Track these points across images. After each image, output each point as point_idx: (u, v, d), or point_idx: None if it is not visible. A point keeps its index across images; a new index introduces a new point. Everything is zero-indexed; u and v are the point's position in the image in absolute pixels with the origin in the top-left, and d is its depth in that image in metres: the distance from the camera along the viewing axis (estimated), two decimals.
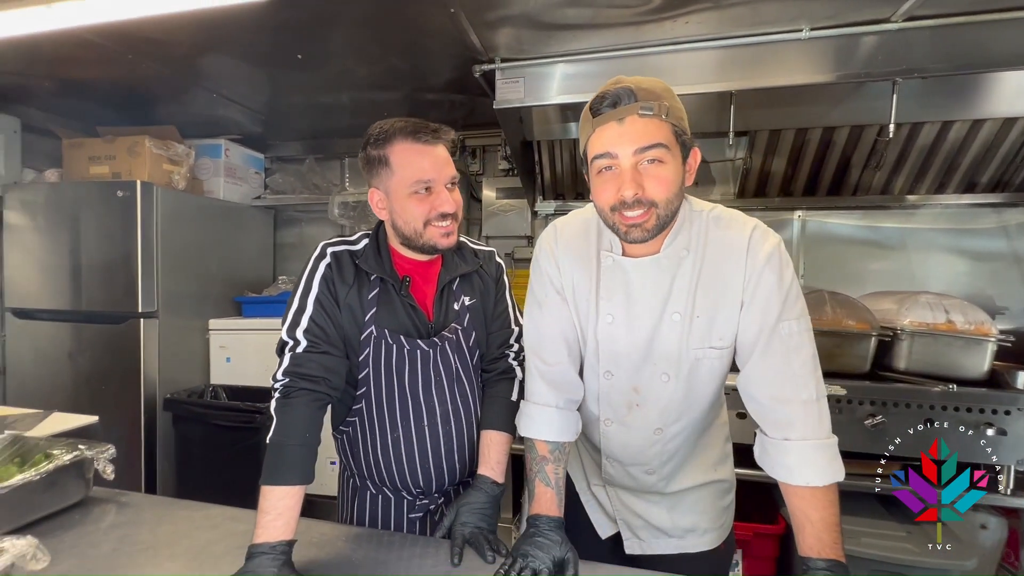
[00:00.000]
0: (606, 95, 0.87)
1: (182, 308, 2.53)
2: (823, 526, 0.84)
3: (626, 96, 0.85)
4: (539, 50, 1.90)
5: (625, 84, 0.87)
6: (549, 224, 1.10)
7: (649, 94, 0.85)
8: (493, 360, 1.21)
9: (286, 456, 0.92)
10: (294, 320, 1.02)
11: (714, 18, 1.63)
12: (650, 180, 0.86)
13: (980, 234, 2.43)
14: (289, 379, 0.97)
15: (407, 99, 2.54)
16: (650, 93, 0.85)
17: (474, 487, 1.06)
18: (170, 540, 1.00)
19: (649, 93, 0.85)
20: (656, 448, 1.04)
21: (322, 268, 1.06)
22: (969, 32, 1.62)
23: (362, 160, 1.06)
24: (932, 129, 2.16)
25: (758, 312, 0.91)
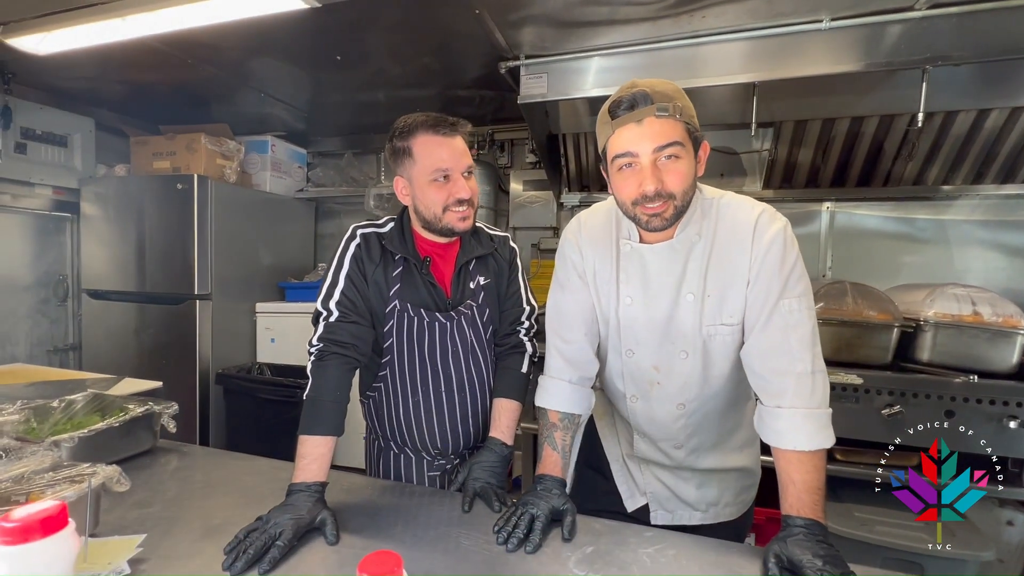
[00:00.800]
0: (623, 99, 0.94)
1: (232, 291, 2.75)
2: (804, 488, 0.90)
3: (642, 99, 0.92)
4: (561, 46, 1.98)
5: (640, 88, 0.94)
6: (573, 217, 1.20)
7: (663, 96, 0.92)
8: (505, 335, 1.31)
9: (320, 410, 1.06)
10: (328, 293, 1.15)
11: (730, 11, 1.67)
12: (668, 175, 0.93)
13: (1011, 226, 2.35)
14: (323, 344, 1.11)
15: (439, 96, 2.67)
16: (664, 95, 0.92)
17: (486, 448, 1.18)
18: (223, 482, 1.16)
19: (663, 95, 0.92)
20: (681, 423, 1.11)
21: (352, 248, 1.19)
22: (996, 18, 1.59)
23: (388, 151, 1.18)
24: (967, 118, 2.11)
25: (761, 290, 0.97)
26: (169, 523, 0.97)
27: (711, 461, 1.16)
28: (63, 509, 0.51)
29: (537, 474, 1.09)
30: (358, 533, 0.94)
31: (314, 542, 0.91)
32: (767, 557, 0.86)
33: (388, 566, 0.46)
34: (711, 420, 1.13)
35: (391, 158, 1.18)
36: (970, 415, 1.71)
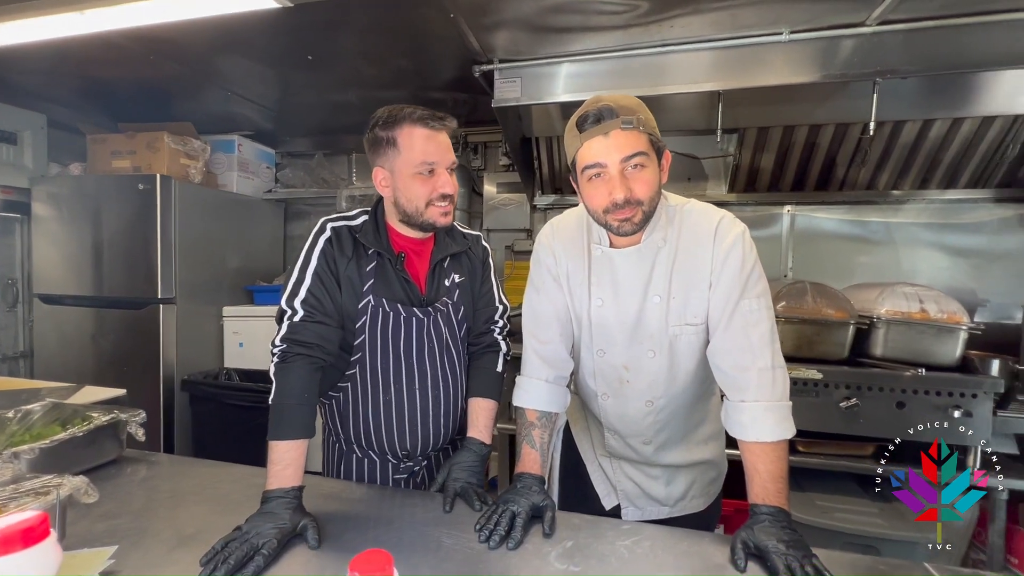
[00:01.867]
0: (589, 113, 0.99)
1: (198, 295, 2.67)
2: (768, 477, 0.95)
3: (608, 113, 0.97)
4: (534, 51, 2.01)
5: (605, 103, 0.99)
6: (547, 222, 1.24)
7: (627, 110, 0.98)
8: (480, 335, 1.33)
9: (288, 413, 1.04)
10: (292, 291, 1.12)
11: (696, 22, 1.74)
12: (636, 183, 0.98)
13: (962, 229, 2.51)
14: (286, 345, 1.09)
15: (412, 97, 2.66)
16: (628, 109, 0.98)
17: (464, 448, 1.19)
18: (195, 491, 1.13)
19: (627, 109, 0.98)
20: (649, 419, 1.16)
21: (321, 242, 1.16)
22: (942, 35, 1.71)
23: (369, 140, 1.15)
24: (914, 127, 2.25)
25: (723, 291, 1.03)
26: (140, 534, 0.94)
27: (678, 456, 1.21)
28: (44, 519, 0.50)
29: (516, 472, 1.11)
30: (339, 537, 0.94)
31: (295, 548, 0.90)
32: (735, 544, 0.90)
33: (379, 564, 0.47)
34: (678, 416, 1.18)
35: (371, 148, 1.15)
36: (919, 406, 1.83)
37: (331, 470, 1.30)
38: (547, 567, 0.86)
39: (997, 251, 2.51)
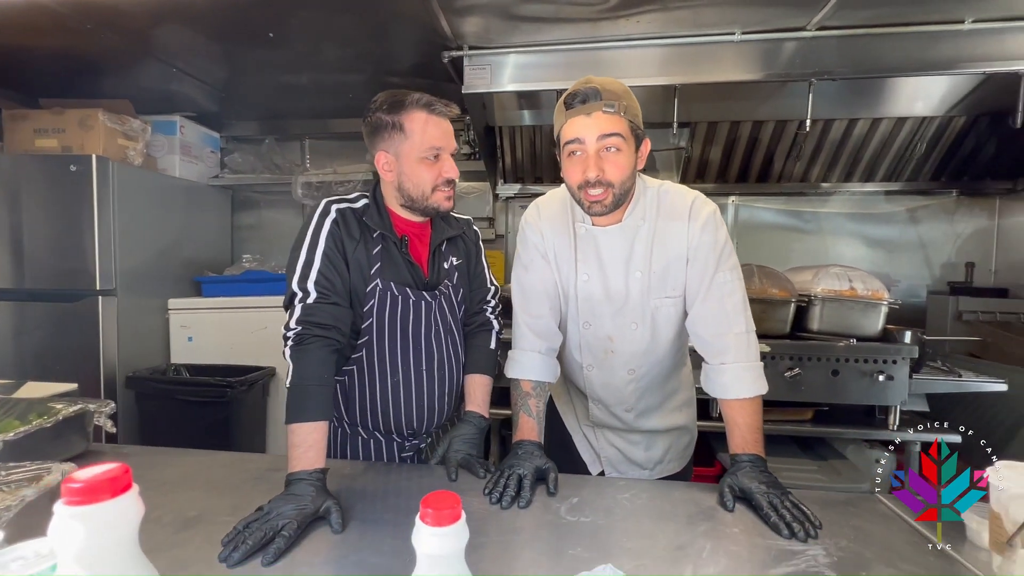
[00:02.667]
0: (577, 93, 1.06)
1: (141, 287, 2.48)
2: (747, 429, 1.07)
3: (593, 95, 1.04)
4: (505, 40, 2.05)
5: (593, 84, 1.05)
6: (531, 203, 1.29)
7: (611, 94, 1.04)
8: (474, 314, 1.36)
9: (308, 395, 1.03)
10: (303, 273, 1.11)
11: (661, 19, 1.85)
12: (608, 164, 1.05)
13: (878, 218, 2.84)
14: (302, 327, 1.07)
15: (372, 82, 2.59)
16: (612, 93, 1.05)
17: (464, 421, 1.22)
18: (185, 478, 1.09)
19: (611, 93, 1.05)
20: (631, 387, 1.25)
21: (328, 224, 1.15)
22: (868, 42, 1.92)
23: (371, 124, 1.14)
24: (841, 125, 2.51)
25: (699, 266, 1.13)
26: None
27: (656, 421, 1.31)
28: (126, 470, 0.49)
29: (516, 440, 1.16)
30: (358, 517, 0.93)
31: (316, 531, 0.89)
32: (722, 488, 1.00)
33: (448, 503, 0.50)
34: (656, 383, 1.28)
35: (373, 132, 1.15)
36: (850, 373, 2.06)
37: (334, 453, 1.28)
38: (560, 520, 0.92)
39: (906, 238, 2.85)
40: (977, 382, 2.04)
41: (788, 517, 0.89)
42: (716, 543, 0.84)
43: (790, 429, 2.17)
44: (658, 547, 0.83)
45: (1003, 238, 2.76)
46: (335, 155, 3.17)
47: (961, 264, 2.80)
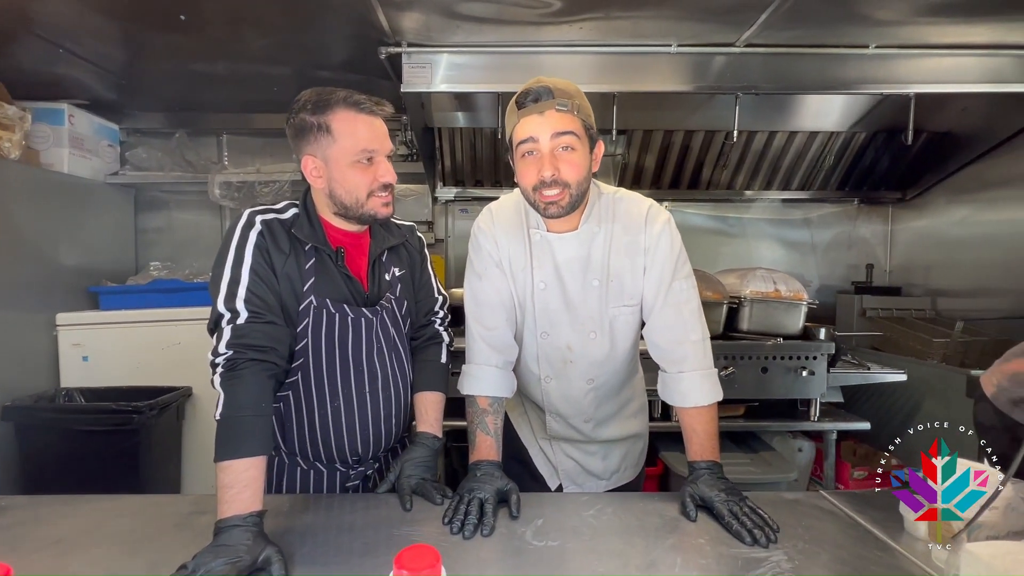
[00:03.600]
0: (529, 92, 1.03)
1: (20, 301, 2.13)
2: (705, 436, 1.08)
3: (545, 93, 1.02)
4: (446, 38, 1.97)
5: (544, 84, 1.03)
6: (484, 209, 1.24)
7: (563, 93, 1.03)
8: (422, 327, 1.29)
9: (242, 427, 0.90)
10: (229, 291, 0.99)
11: (602, 27, 1.86)
12: (564, 164, 1.02)
13: (793, 224, 3.08)
14: (233, 351, 0.95)
15: (297, 75, 2.42)
16: (564, 92, 1.03)
17: (416, 443, 1.14)
18: (86, 532, 0.92)
19: (564, 92, 1.03)
20: (589, 397, 1.22)
21: (253, 237, 1.03)
22: (788, 61, 2.06)
23: (294, 126, 1.04)
24: (762, 137, 2.68)
25: (656, 274, 1.13)
26: None
27: (613, 430, 1.30)
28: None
29: (473, 460, 1.10)
30: (304, 561, 0.83)
31: None
32: (684, 498, 1.01)
33: (426, 561, 0.44)
34: (613, 392, 1.27)
35: (297, 134, 1.05)
36: (777, 370, 2.19)
37: (271, 487, 1.15)
38: (527, 546, 0.88)
39: (817, 242, 3.11)
40: (882, 373, 2.25)
41: (749, 524, 0.91)
42: (685, 556, 0.84)
43: (725, 426, 2.26)
44: (631, 566, 0.81)
45: (895, 242, 3.10)
46: (257, 153, 2.93)
47: (862, 265, 3.10)
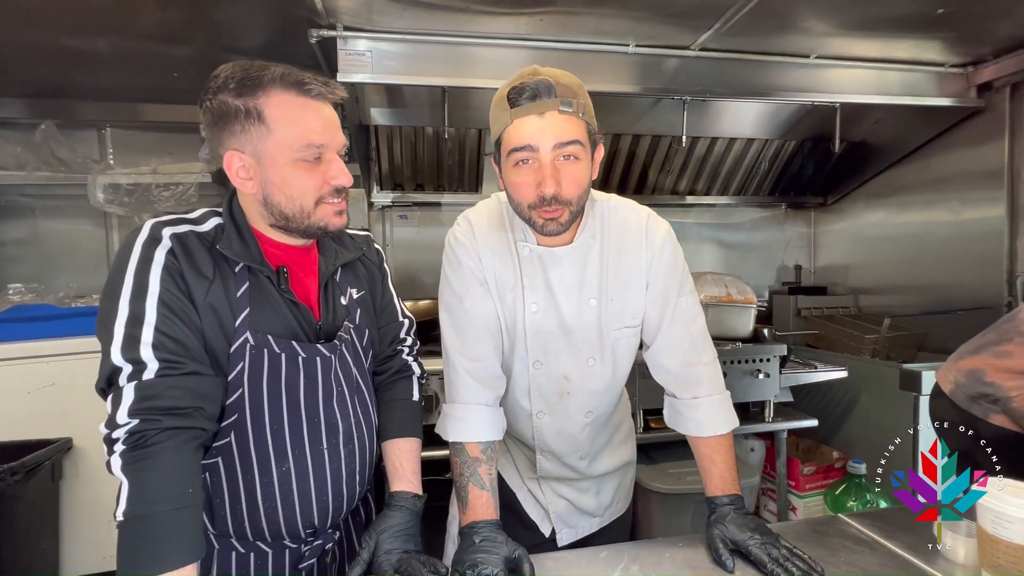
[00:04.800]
0: (524, 87, 0.85)
1: None
2: (725, 467, 0.98)
3: (545, 90, 0.85)
4: (389, 24, 1.75)
5: (543, 77, 0.86)
6: (460, 217, 1.05)
7: (567, 90, 0.86)
8: (386, 359, 1.08)
9: (162, 528, 0.65)
10: (128, 335, 0.72)
11: (563, 21, 1.74)
12: (566, 177, 0.87)
13: (730, 227, 3.18)
14: (140, 419, 0.69)
15: (202, 58, 2.05)
16: (568, 89, 0.87)
17: (393, 507, 0.92)
18: None
19: (567, 89, 0.87)
20: (587, 431, 1.08)
21: (160, 257, 0.77)
22: (736, 67, 2.08)
23: (213, 110, 0.80)
24: (705, 143, 2.72)
25: (660, 290, 1.01)
26: None
27: (606, 462, 1.17)
28: None
29: (468, 523, 0.91)
30: None
31: None
32: (715, 543, 0.89)
33: None
34: (605, 421, 1.14)
35: (216, 122, 0.80)
36: (736, 373, 2.20)
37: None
38: None
39: (751, 244, 3.24)
40: (827, 371, 2.34)
41: (795, 572, 0.81)
42: None
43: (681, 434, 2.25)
44: None
45: (818, 244, 3.30)
46: (151, 150, 2.48)
47: (791, 266, 3.28)
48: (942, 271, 2.53)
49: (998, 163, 2.27)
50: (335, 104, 0.87)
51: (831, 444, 2.55)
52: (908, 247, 2.71)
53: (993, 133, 2.28)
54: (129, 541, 0.65)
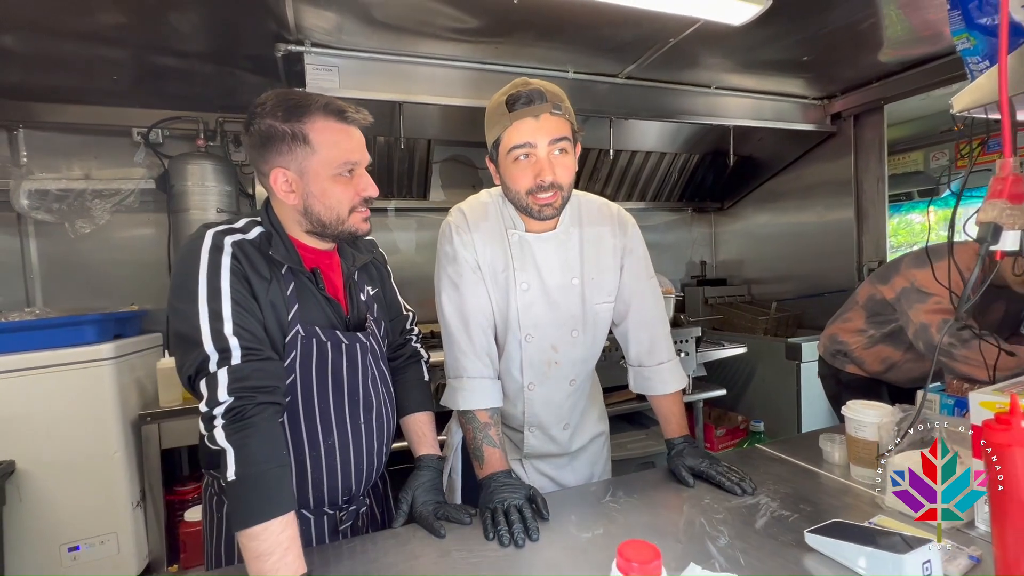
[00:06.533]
0: (520, 95, 1.03)
1: None
2: (680, 415, 1.25)
3: (539, 97, 1.03)
4: (357, 43, 1.87)
5: (535, 86, 1.05)
6: (453, 210, 1.21)
7: (556, 96, 1.06)
8: (400, 346, 1.23)
9: (268, 483, 0.77)
10: (214, 329, 0.83)
11: (514, 50, 1.99)
12: (559, 167, 1.06)
13: (647, 229, 3.58)
14: (235, 398, 0.80)
15: (135, 60, 2.01)
16: (556, 96, 1.06)
17: (422, 468, 1.09)
18: None
19: (556, 96, 1.06)
20: (571, 400, 1.27)
21: (227, 262, 0.88)
22: (654, 93, 2.45)
23: (259, 133, 0.92)
24: (627, 156, 3.10)
25: (633, 272, 1.23)
26: None
27: (585, 434, 1.35)
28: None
29: (484, 475, 1.09)
30: None
31: None
32: (677, 470, 1.15)
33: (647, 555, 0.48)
34: (585, 390, 1.33)
35: (263, 144, 0.92)
36: None
37: (235, 554, 0.97)
38: (579, 540, 0.93)
39: (666, 243, 3.70)
40: (731, 348, 2.80)
41: (736, 479, 1.09)
42: (707, 515, 0.98)
43: (624, 408, 2.58)
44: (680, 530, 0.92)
45: (718, 242, 3.85)
46: (74, 153, 2.33)
47: (697, 262, 3.79)
48: (812, 262, 3.13)
49: (847, 176, 2.88)
50: (362, 128, 1.02)
51: (736, 410, 3.04)
52: (787, 243, 3.29)
53: (843, 152, 2.89)
54: (242, 497, 0.76)
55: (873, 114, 2.76)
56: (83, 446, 1.82)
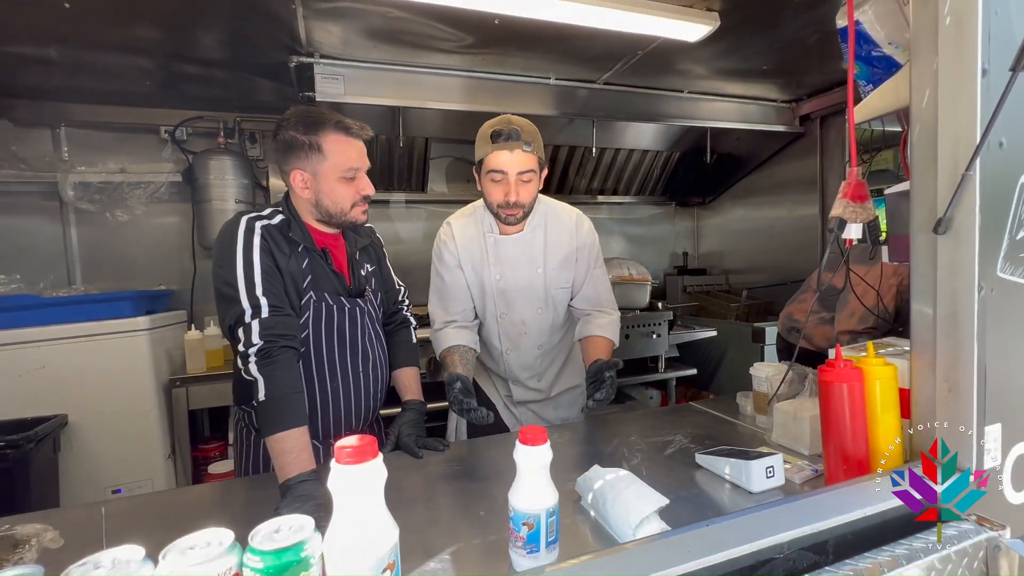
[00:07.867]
0: (502, 132, 1.34)
1: None
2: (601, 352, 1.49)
3: (515, 135, 1.34)
4: (362, 55, 2.12)
5: (514, 126, 1.35)
6: (445, 223, 1.57)
7: (529, 135, 1.36)
8: (392, 314, 1.51)
9: (288, 403, 1.05)
10: (248, 289, 1.10)
11: (501, 60, 2.23)
12: (523, 191, 1.38)
13: (631, 222, 3.85)
14: (265, 341, 1.07)
15: (163, 68, 2.26)
16: (529, 135, 1.36)
17: (407, 409, 1.36)
18: None
19: (529, 135, 1.36)
20: (541, 361, 1.60)
21: (257, 241, 1.15)
22: (632, 97, 2.68)
23: (283, 141, 1.18)
24: (611, 152, 3.34)
25: (584, 264, 1.55)
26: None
27: (560, 384, 1.67)
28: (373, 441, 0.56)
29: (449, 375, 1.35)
30: None
31: None
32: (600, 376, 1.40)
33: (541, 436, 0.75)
34: (556, 353, 1.65)
35: (286, 149, 1.19)
36: (636, 335, 2.83)
37: (260, 467, 1.25)
38: None
39: (650, 235, 3.94)
40: (701, 331, 3.05)
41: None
42: (630, 447, 1.25)
43: None
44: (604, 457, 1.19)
45: (700, 235, 4.09)
46: (109, 150, 2.61)
47: (680, 253, 4.03)
48: (782, 254, 3.36)
49: (814, 174, 3.10)
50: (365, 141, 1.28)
51: (708, 389, 3.29)
52: (760, 236, 3.52)
53: (810, 152, 3.11)
54: (270, 412, 1.03)
55: (838, 116, 2.97)
56: (123, 404, 2.12)
